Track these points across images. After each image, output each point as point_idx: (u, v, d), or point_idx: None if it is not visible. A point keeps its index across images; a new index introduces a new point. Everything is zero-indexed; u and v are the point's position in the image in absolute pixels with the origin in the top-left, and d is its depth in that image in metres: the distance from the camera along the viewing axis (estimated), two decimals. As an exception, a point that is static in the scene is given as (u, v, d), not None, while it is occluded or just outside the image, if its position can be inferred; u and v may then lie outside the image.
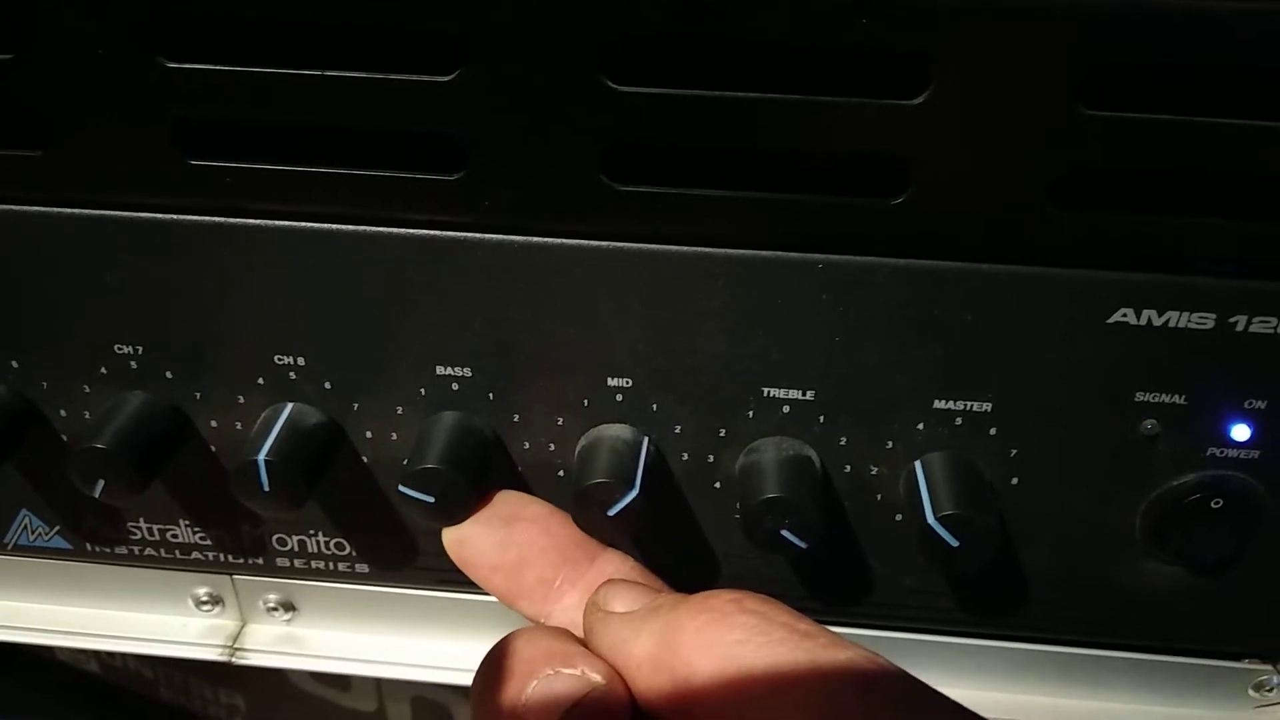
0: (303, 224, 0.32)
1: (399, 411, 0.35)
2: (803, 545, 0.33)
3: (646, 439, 0.34)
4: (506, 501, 0.34)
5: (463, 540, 0.34)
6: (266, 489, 0.33)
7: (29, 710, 0.68)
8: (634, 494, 0.32)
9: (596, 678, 0.27)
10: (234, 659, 0.43)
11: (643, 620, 0.28)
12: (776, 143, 0.29)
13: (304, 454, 0.34)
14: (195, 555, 0.40)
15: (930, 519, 0.32)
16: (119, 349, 0.35)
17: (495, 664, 0.28)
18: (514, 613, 0.41)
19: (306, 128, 0.30)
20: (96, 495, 0.34)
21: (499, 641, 0.29)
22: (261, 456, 0.33)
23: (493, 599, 0.40)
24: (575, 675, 0.27)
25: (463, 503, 0.33)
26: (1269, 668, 0.40)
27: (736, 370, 0.33)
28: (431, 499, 0.33)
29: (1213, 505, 0.34)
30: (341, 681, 0.65)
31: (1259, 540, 0.35)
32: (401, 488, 0.33)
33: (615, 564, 0.33)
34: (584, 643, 0.29)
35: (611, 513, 0.33)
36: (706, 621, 0.26)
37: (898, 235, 0.30)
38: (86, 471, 0.34)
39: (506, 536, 0.33)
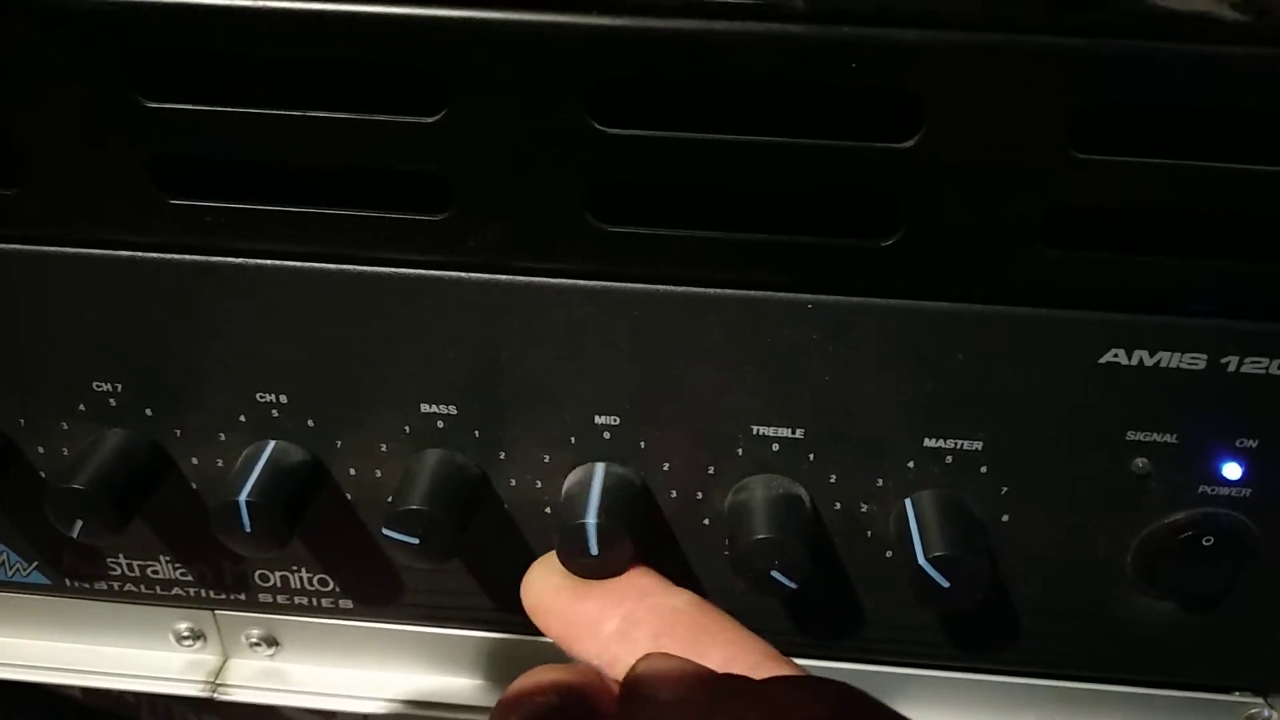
0: (285, 263, 0.31)
1: (383, 449, 0.35)
2: (792, 586, 0.32)
3: (635, 477, 0.34)
4: None
5: (528, 584, 0.33)
6: (248, 530, 0.33)
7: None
8: (620, 535, 0.32)
9: (554, 698, 0.28)
10: (216, 694, 0.42)
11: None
12: (765, 184, 0.28)
13: (286, 494, 0.34)
14: (176, 591, 0.40)
15: (921, 560, 0.32)
16: (98, 386, 0.34)
17: (499, 705, 0.29)
18: (498, 647, 0.41)
19: (289, 167, 0.29)
20: (75, 536, 0.34)
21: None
22: (243, 497, 0.33)
23: (477, 634, 0.40)
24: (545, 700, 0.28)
25: (448, 543, 0.33)
26: (1260, 700, 0.40)
27: (725, 408, 0.33)
28: (416, 540, 0.32)
29: (1204, 542, 0.33)
30: (327, 714, 0.64)
31: (1250, 576, 0.35)
32: (385, 530, 0.32)
33: (663, 599, 0.32)
34: (601, 678, 0.30)
35: (595, 552, 0.32)
36: None
37: (889, 276, 0.30)
38: (64, 512, 0.33)
39: (562, 581, 0.33)
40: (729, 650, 0.30)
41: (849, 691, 0.26)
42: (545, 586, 0.33)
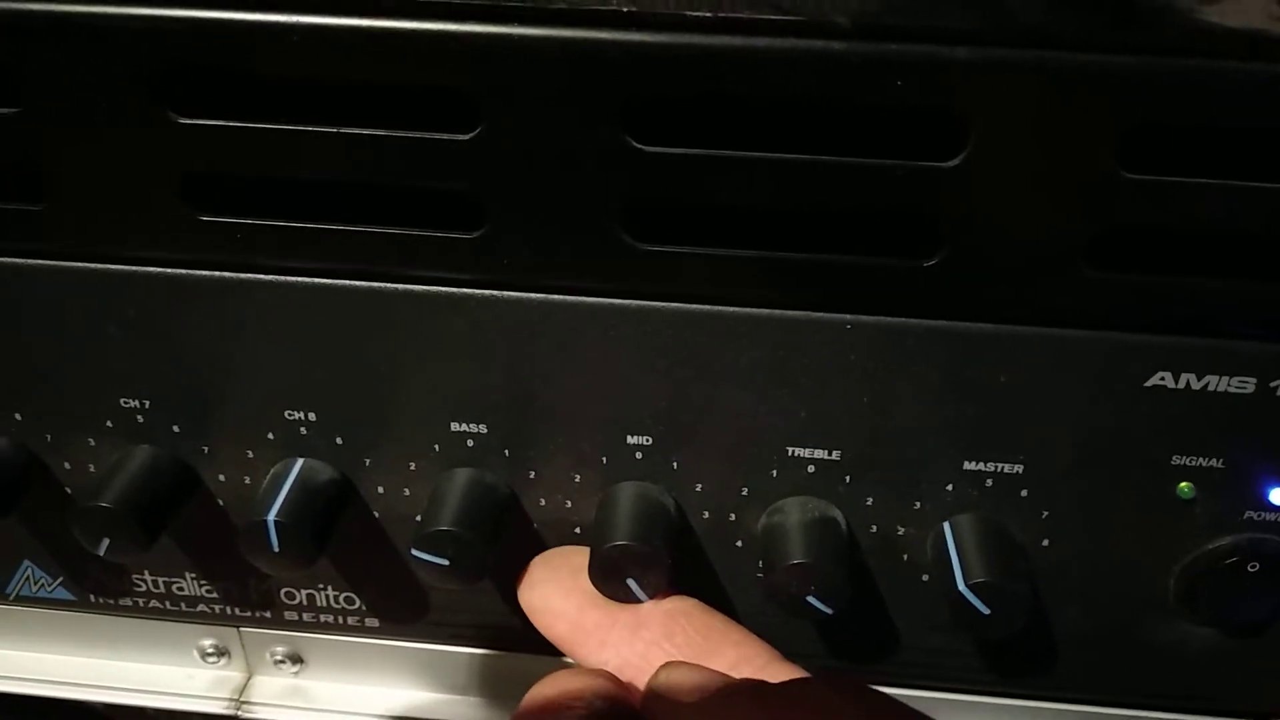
0: (315, 280, 0.31)
1: (412, 467, 0.34)
2: (829, 612, 0.32)
3: (668, 498, 0.33)
4: (578, 553, 0.34)
5: (531, 584, 0.33)
6: (276, 549, 0.33)
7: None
8: (655, 558, 0.31)
9: (598, 703, 0.28)
10: (240, 712, 0.42)
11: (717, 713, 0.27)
12: (804, 204, 0.28)
13: (314, 512, 0.33)
14: (201, 608, 0.39)
15: (961, 586, 0.31)
16: (125, 402, 0.34)
17: (522, 709, 0.29)
18: (524, 668, 0.41)
19: (321, 184, 0.29)
20: (101, 554, 0.33)
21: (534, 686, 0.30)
22: (271, 517, 0.32)
23: (503, 655, 0.40)
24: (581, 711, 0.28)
25: (478, 564, 0.32)
26: (1303, 729, 0.39)
27: (760, 429, 0.32)
28: (445, 561, 0.32)
29: (1249, 569, 0.33)
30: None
31: (1296, 603, 0.34)
32: (414, 551, 0.32)
33: (670, 603, 0.32)
34: (619, 682, 0.30)
35: (630, 577, 0.32)
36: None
37: (930, 297, 0.29)
38: (91, 530, 0.33)
39: (573, 584, 0.33)
40: (739, 651, 0.30)
41: (872, 693, 0.26)
42: (551, 589, 0.33)
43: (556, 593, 0.33)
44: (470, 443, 0.33)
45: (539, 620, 0.33)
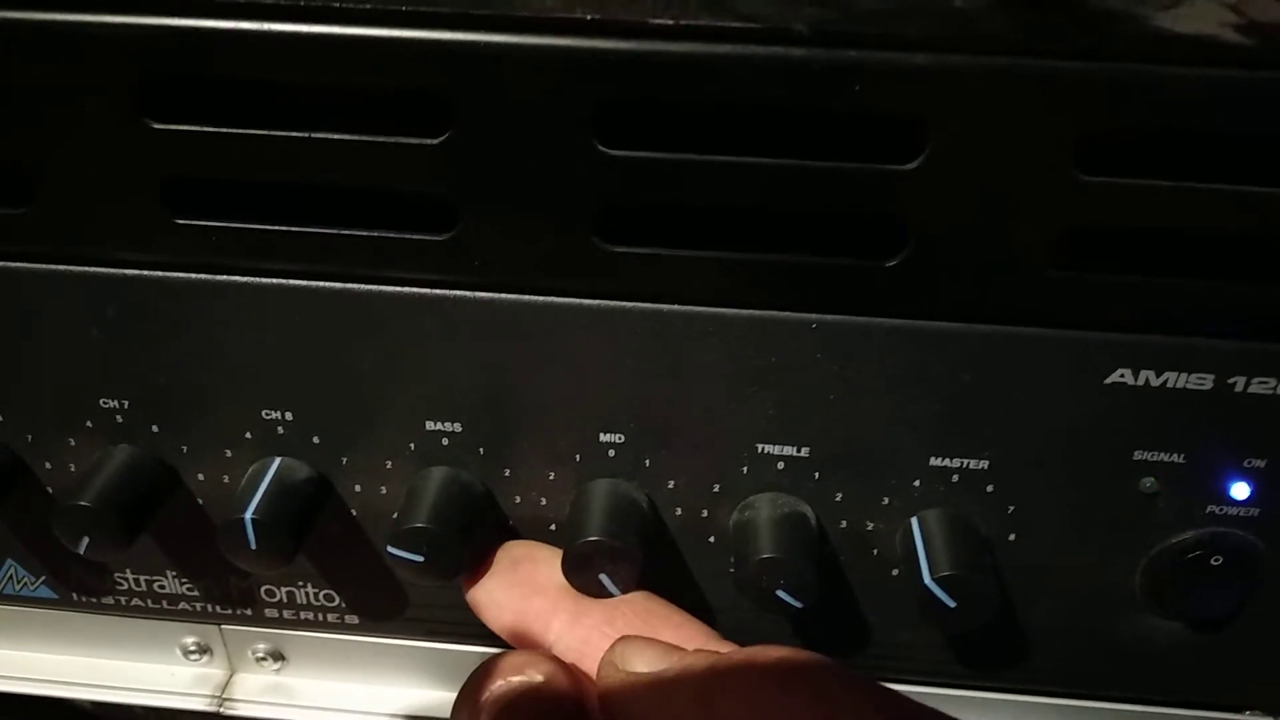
0: (291, 281, 0.31)
1: (388, 466, 0.35)
2: (798, 605, 0.32)
3: (640, 495, 0.34)
4: (518, 545, 0.35)
5: (472, 580, 0.34)
6: (254, 547, 0.33)
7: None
8: (627, 553, 0.32)
9: (538, 677, 0.29)
10: (222, 709, 0.42)
11: (674, 685, 0.27)
12: (769, 205, 0.28)
13: (292, 511, 0.34)
14: (183, 606, 0.40)
15: (927, 580, 0.32)
16: (105, 403, 0.34)
17: (470, 680, 0.30)
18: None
19: (296, 187, 0.29)
20: (82, 553, 0.34)
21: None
22: (249, 515, 0.33)
23: (482, 650, 0.40)
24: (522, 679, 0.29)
25: (453, 560, 0.33)
26: (1270, 720, 0.40)
27: (730, 426, 0.33)
28: (421, 558, 0.33)
29: (1212, 562, 0.33)
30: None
31: (1259, 595, 0.34)
32: (390, 548, 0.32)
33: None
34: (560, 661, 0.31)
35: (602, 573, 0.32)
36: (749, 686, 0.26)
37: (893, 296, 0.30)
38: (71, 529, 0.33)
39: (514, 576, 0.34)
40: (678, 633, 0.31)
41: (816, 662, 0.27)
42: (494, 583, 0.34)
43: (498, 585, 0.34)
44: (445, 441, 0.34)
45: (484, 614, 0.34)
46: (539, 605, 0.33)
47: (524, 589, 0.33)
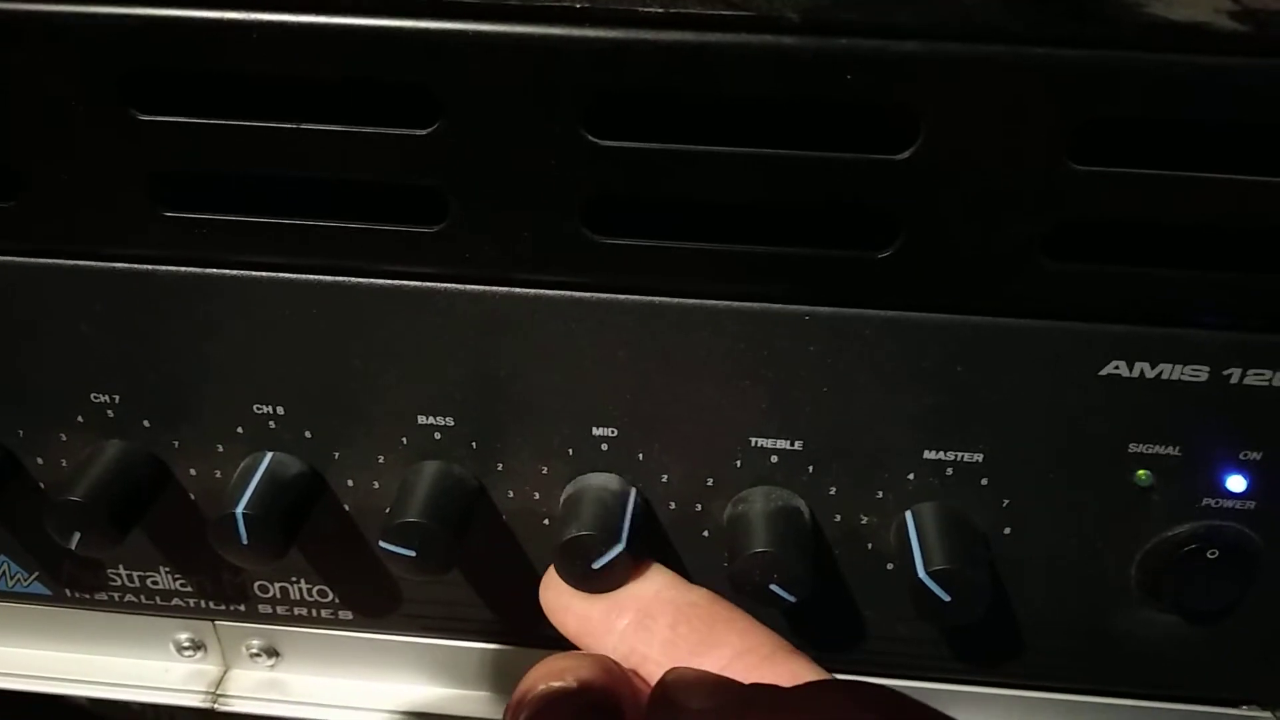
0: (281, 274, 0.31)
1: (381, 460, 0.35)
2: (791, 599, 0.32)
3: (633, 489, 0.34)
4: None
5: (546, 584, 0.33)
6: (245, 542, 0.33)
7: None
8: (619, 548, 0.31)
9: (575, 681, 0.28)
10: (216, 705, 0.42)
11: None
12: (760, 197, 0.28)
13: (283, 505, 0.33)
14: (176, 602, 0.40)
15: (921, 573, 0.31)
16: (95, 398, 0.34)
17: (518, 690, 0.29)
18: (498, 658, 0.41)
19: (286, 179, 0.29)
20: (73, 548, 0.34)
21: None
22: (240, 509, 0.33)
23: (477, 645, 0.40)
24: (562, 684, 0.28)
25: (445, 555, 0.33)
26: (1268, 714, 0.39)
27: (724, 420, 0.33)
28: (413, 553, 0.32)
29: (1208, 555, 0.33)
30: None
31: (1256, 588, 0.34)
32: (382, 543, 0.32)
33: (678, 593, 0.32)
34: (617, 665, 0.30)
35: (596, 566, 0.32)
36: None
37: (886, 288, 0.29)
38: (62, 524, 0.33)
39: None
40: (744, 640, 0.30)
41: (893, 697, 0.25)
42: (563, 586, 0.33)
43: (567, 588, 0.33)
44: (438, 435, 0.34)
45: (554, 618, 0.33)
46: (604, 608, 0.32)
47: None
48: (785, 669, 0.29)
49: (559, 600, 0.33)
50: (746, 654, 0.29)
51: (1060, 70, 0.26)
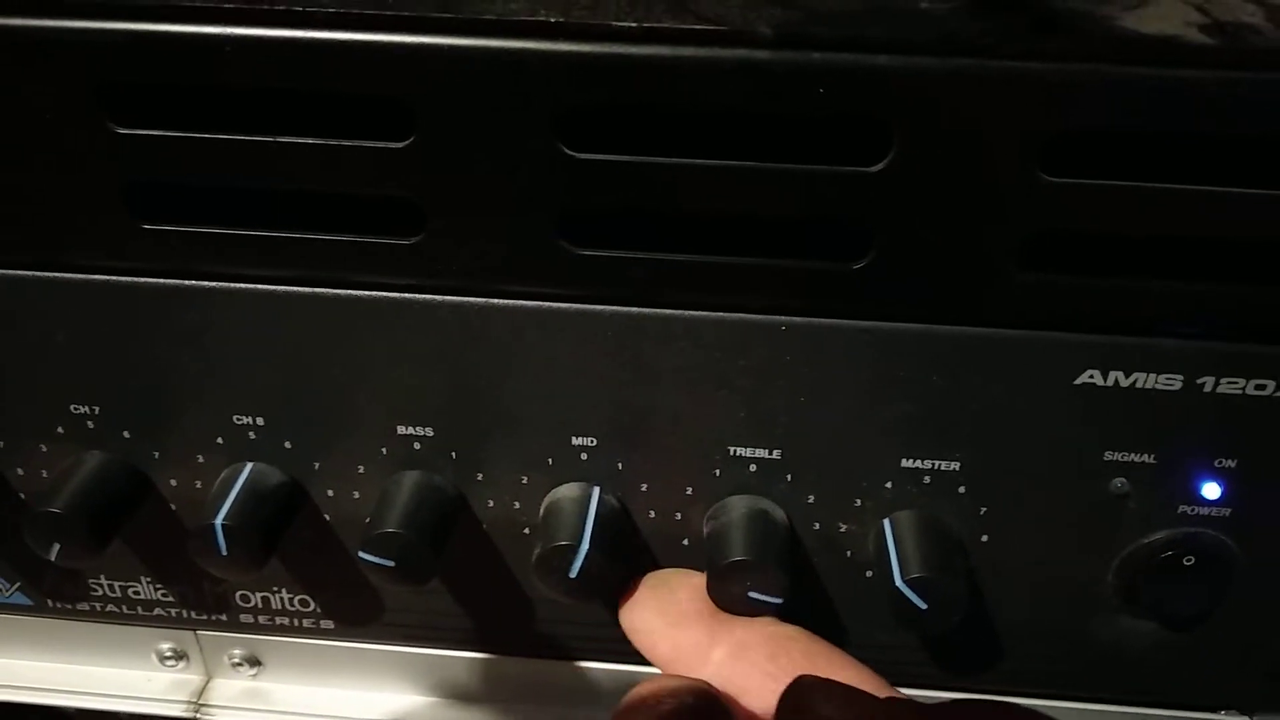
0: (259, 286, 0.31)
1: (360, 471, 0.35)
2: (774, 603, 0.32)
3: (595, 489, 0.34)
4: (678, 574, 0.34)
5: (632, 605, 0.33)
6: (224, 553, 0.33)
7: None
8: (584, 550, 0.32)
9: (692, 701, 0.27)
10: (199, 715, 0.42)
11: None
12: (734, 208, 0.28)
13: (263, 516, 0.33)
14: (158, 611, 0.40)
15: (898, 581, 0.32)
16: (75, 409, 0.34)
17: (626, 701, 0.29)
18: (479, 668, 0.41)
19: (262, 191, 0.29)
20: (53, 559, 0.34)
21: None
22: (219, 520, 0.33)
23: (458, 655, 0.40)
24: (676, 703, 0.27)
25: (425, 565, 0.33)
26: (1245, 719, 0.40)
27: (702, 429, 0.33)
28: (392, 563, 0.32)
29: (1184, 562, 0.33)
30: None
31: (1232, 595, 0.34)
32: (361, 553, 0.32)
33: (776, 627, 0.32)
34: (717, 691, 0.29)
35: (572, 574, 0.32)
36: None
37: (860, 298, 0.30)
38: (42, 535, 0.33)
39: (672, 605, 0.33)
40: (847, 677, 0.29)
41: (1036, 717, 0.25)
42: (651, 610, 0.33)
43: (655, 612, 0.33)
44: (417, 445, 0.34)
45: (639, 640, 0.33)
46: (696, 635, 0.32)
47: (682, 619, 0.32)
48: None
49: (646, 625, 0.33)
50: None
51: (1031, 83, 0.26)
